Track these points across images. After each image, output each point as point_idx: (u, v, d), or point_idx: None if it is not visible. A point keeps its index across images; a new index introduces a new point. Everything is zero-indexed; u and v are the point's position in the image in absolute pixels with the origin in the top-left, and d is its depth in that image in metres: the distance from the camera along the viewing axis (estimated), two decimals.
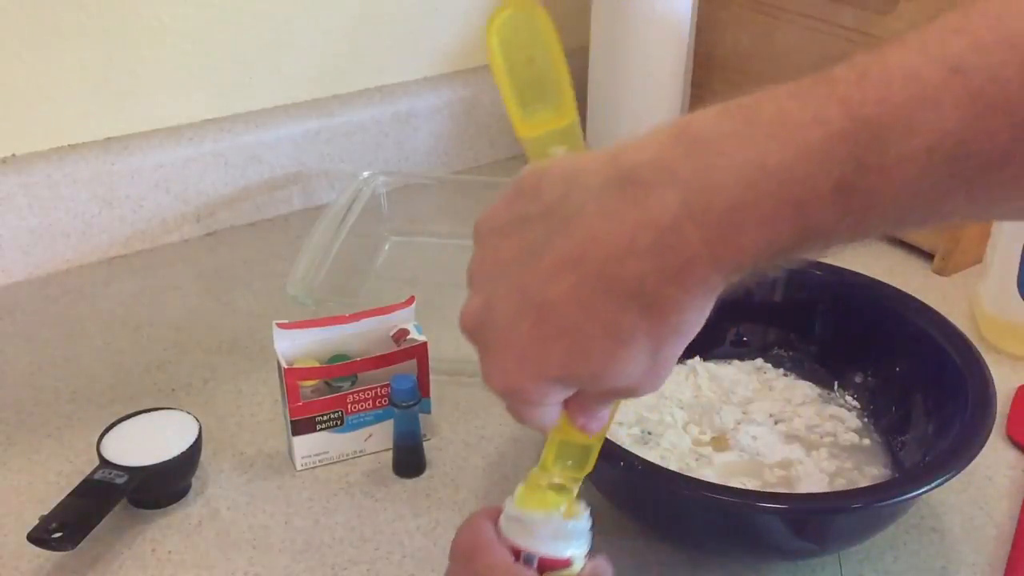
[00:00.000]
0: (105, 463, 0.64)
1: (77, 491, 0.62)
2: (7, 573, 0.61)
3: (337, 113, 1.03)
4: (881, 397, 0.70)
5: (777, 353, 0.75)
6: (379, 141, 1.06)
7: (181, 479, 0.67)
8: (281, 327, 0.67)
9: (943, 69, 0.32)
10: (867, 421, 0.70)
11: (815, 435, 0.68)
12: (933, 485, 0.55)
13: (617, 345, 0.38)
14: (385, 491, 0.68)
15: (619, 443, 0.62)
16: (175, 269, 0.94)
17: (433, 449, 0.71)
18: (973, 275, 0.91)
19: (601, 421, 0.45)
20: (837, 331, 0.73)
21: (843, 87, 0.33)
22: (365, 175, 0.95)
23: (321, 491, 0.68)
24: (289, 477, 0.69)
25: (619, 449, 0.57)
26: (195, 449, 0.66)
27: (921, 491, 0.55)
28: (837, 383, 0.72)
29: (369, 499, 0.67)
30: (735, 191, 0.34)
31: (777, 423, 0.69)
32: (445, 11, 1.08)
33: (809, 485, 0.63)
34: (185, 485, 0.67)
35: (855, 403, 0.71)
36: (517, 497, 0.46)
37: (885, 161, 0.33)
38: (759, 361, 0.75)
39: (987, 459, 0.68)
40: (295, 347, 0.68)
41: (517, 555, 0.44)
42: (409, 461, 0.69)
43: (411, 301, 0.70)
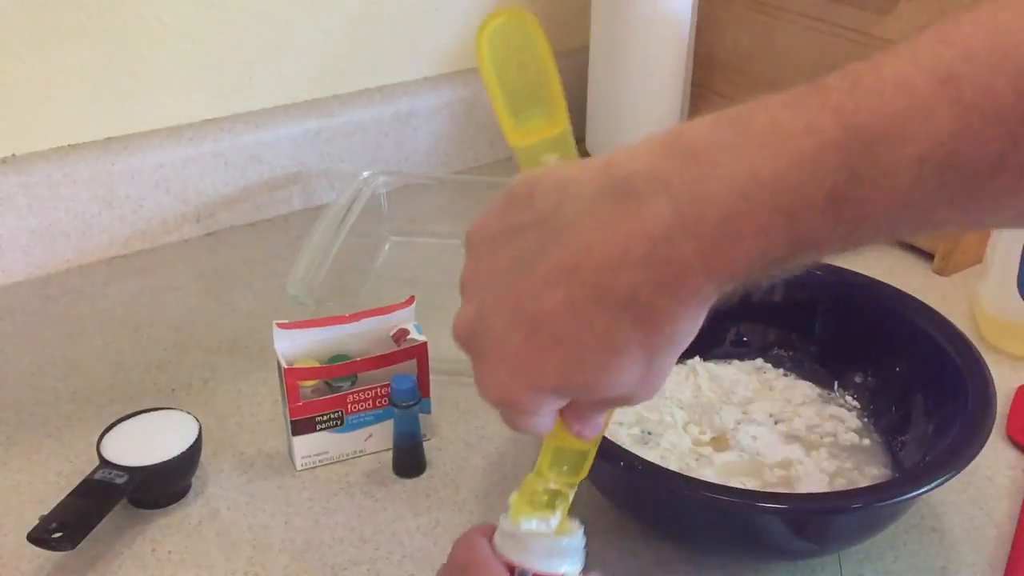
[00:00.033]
0: (105, 463, 0.64)
1: (77, 491, 0.62)
2: (7, 573, 0.61)
3: (337, 113, 1.03)
4: (881, 397, 0.70)
5: (777, 353, 0.75)
6: (379, 141, 1.06)
7: (181, 479, 0.67)
8: (281, 327, 0.67)
9: (934, 79, 0.32)
10: (867, 421, 0.70)
11: (815, 435, 0.68)
12: (933, 485, 0.55)
13: (611, 355, 0.38)
14: (385, 491, 0.68)
15: (619, 443, 0.62)
16: (175, 269, 0.94)
17: (433, 449, 0.71)
18: (973, 275, 0.91)
19: (596, 428, 0.45)
20: (837, 331, 0.73)
21: (836, 96, 0.33)
22: (365, 175, 0.95)
23: (321, 491, 0.68)
24: (289, 477, 0.69)
25: (619, 449, 0.57)
26: (195, 449, 0.66)
27: (921, 491, 0.55)
28: (837, 383, 0.72)
29: (369, 499, 0.67)
30: (728, 201, 0.34)
31: (777, 423, 0.69)
32: (445, 11, 1.08)
33: (809, 485, 0.63)
34: (185, 485, 0.67)
35: (855, 403, 0.71)
36: (511, 508, 0.46)
37: (877, 171, 0.32)
38: (759, 361, 0.75)
39: (987, 459, 0.68)
40: (295, 347, 0.68)
41: (512, 571, 0.45)
42: (409, 461, 0.69)
43: (411, 301, 0.70)
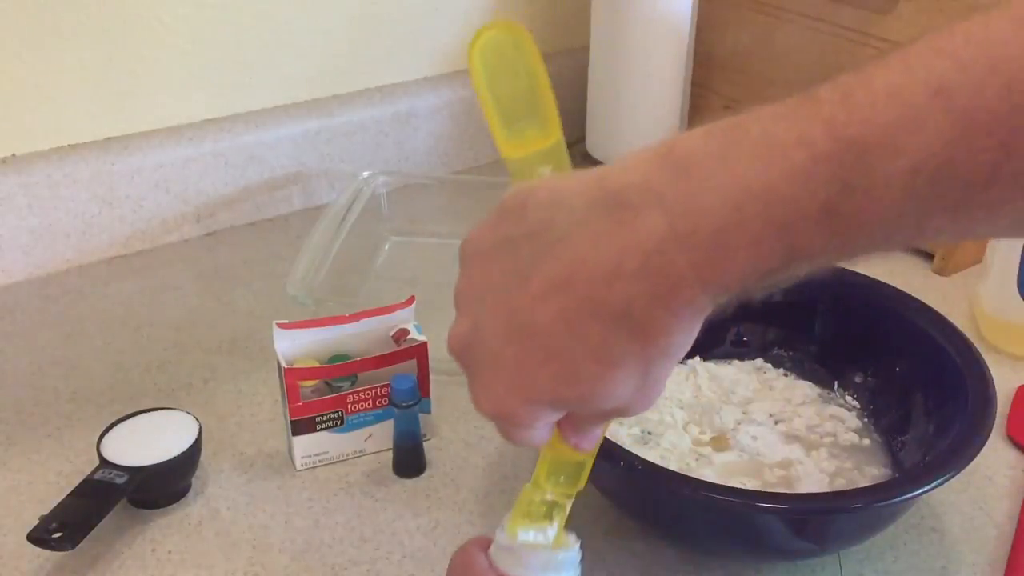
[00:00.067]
0: (105, 463, 0.64)
1: (77, 491, 0.62)
2: (7, 573, 0.61)
3: (337, 113, 1.03)
4: (881, 397, 0.70)
5: (777, 353, 0.75)
6: (379, 141, 1.06)
7: (181, 479, 0.67)
8: (281, 327, 0.67)
9: (927, 90, 0.32)
10: (867, 421, 0.70)
11: (815, 435, 0.68)
12: (933, 485, 0.55)
13: (606, 368, 0.38)
14: (385, 491, 0.68)
15: (619, 443, 0.62)
16: (175, 269, 0.94)
17: (433, 449, 0.71)
18: (973, 275, 0.91)
19: (593, 439, 0.45)
20: (837, 331, 0.73)
21: (828, 108, 0.33)
22: (365, 175, 0.95)
23: (321, 491, 0.68)
24: (289, 477, 0.69)
25: (619, 449, 0.57)
26: (195, 449, 0.66)
27: (921, 491, 0.55)
28: (837, 383, 0.72)
29: (369, 499, 0.67)
30: (721, 213, 0.34)
31: (777, 423, 0.69)
32: (445, 11, 1.08)
33: (809, 485, 0.63)
34: (185, 485, 0.67)
35: (855, 403, 0.71)
36: (508, 521, 0.46)
37: (870, 182, 0.32)
38: (759, 361, 0.75)
39: (987, 459, 0.68)
40: (295, 347, 0.68)
41: None
42: (409, 461, 0.69)
43: (411, 301, 0.70)
